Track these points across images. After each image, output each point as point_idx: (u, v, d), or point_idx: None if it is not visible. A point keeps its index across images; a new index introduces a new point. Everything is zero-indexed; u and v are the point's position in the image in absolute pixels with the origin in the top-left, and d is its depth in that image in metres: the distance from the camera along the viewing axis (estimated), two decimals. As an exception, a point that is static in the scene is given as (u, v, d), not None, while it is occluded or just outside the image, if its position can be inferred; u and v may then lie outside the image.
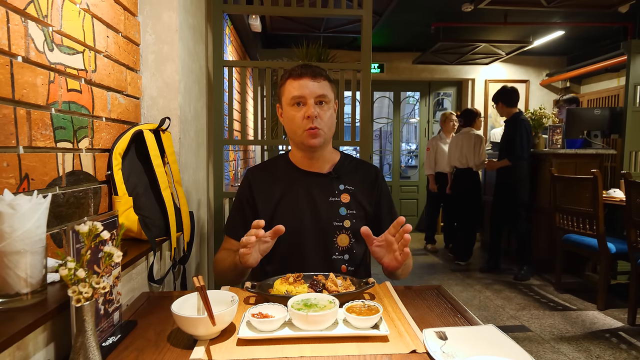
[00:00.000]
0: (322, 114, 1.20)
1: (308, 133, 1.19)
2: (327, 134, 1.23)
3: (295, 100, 1.19)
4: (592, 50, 5.31)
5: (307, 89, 1.18)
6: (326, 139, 1.23)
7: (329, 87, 1.23)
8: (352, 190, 1.29)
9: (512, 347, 0.76)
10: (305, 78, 1.19)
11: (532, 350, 2.40)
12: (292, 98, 1.20)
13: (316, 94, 1.19)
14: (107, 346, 0.77)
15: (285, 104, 1.23)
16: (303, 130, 1.20)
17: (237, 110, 3.39)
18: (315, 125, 1.18)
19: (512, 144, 3.66)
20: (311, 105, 1.18)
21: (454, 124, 4.77)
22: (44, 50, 0.94)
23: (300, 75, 1.20)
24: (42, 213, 0.75)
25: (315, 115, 1.18)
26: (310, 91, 1.18)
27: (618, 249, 2.94)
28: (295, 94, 1.19)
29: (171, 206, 1.34)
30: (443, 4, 4.02)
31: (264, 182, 1.31)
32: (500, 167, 3.82)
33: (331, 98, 1.24)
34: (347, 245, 1.26)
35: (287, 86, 1.22)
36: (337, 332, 0.83)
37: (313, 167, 1.29)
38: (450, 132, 4.80)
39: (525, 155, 3.66)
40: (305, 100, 1.19)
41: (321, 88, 1.20)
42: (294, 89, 1.20)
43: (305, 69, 1.21)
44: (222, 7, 2.02)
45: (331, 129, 1.25)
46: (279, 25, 4.41)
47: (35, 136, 0.90)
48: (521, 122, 3.71)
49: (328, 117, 1.22)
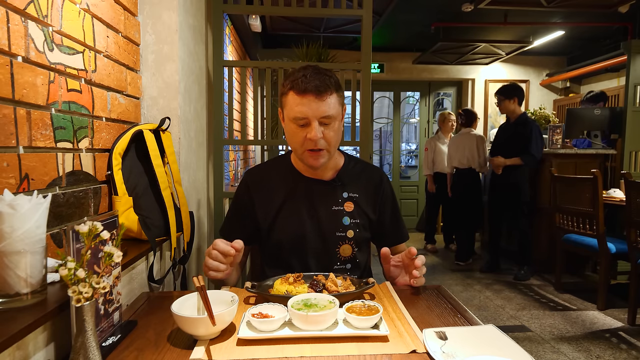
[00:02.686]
0: (327, 133, 1.10)
1: (310, 154, 1.12)
2: (331, 152, 1.15)
3: (298, 122, 1.10)
4: (592, 50, 5.31)
5: (310, 110, 1.07)
6: (330, 156, 1.16)
7: (335, 100, 1.11)
8: (356, 198, 1.24)
9: (512, 347, 0.76)
10: (310, 96, 1.07)
11: (532, 350, 2.40)
12: (295, 118, 1.10)
13: (321, 115, 1.08)
14: (107, 346, 0.77)
15: (287, 118, 1.13)
16: (304, 150, 1.12)
17: (237, 110, 3.39)
18: (319, 147, 1.11)
19: (528, 143, 3.63)
20: (315, 127, 1.08)
21: (453, 124, 4.77)
22: (44, 50, 0.94)
23: (304, 92, 1.07)
24: (42, 213, 0.75)
25: (319, 137, 1.09)
26: (314, 112, 1.08)
27: (618, 249, 2.94)
28: (298, 115, 1.08)
29: (171, 206, 1.34)
30: (443, 4, 4.02)
31: (263, 186, 1.25)
32: (504, 167, 3.77)
33: (338, 112, 1.13)
34: (349, 255, 1.23)
35: (289, 99, 1.11)
36: (337, 332, 0.83)
37: (316, 173, 1.23)
38: (448, 132, 4.80)
39: (540, 156, 3.66)
40: (309, 121, 1.09)
41: (327, 107, 1.08)
42: (296, 106, 1.09)
43: (310, 82, 1.07)
44: (222, 7, 2.02)
45: (337, 144, 1.16)
46: (279, 25, 4.41)
47: (35, 136, 0.90)
48: (533, 122, 3.75)
49: (333, 135, 1.12)
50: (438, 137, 4.86)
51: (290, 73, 1.15)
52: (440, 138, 4.83)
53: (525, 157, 3.65)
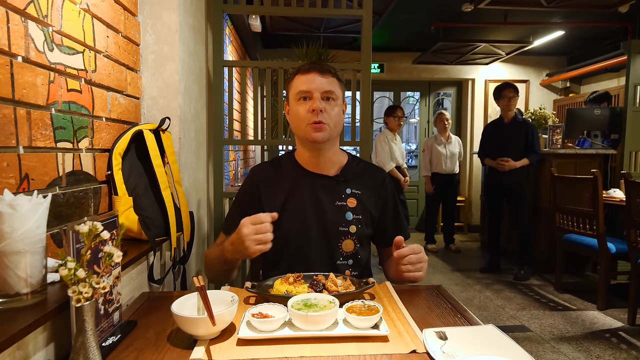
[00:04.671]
0: (329, 109, 1.17)
1: (312, 127, 1.16)
2: (332, 130, 1.19)
3: (302, 94, 1.17)
4: (592, 50, 5.31)
5: (313, 84, 1.17)
6: (331, 135, 1.20)
7: (337, 84, 1.21)
8: (358, 195, 1.26)
9: (512, 347, 0.76)
10: (313, 73, 1.18)
11: (532, 350, 2.40)
12: (299, 92, 1.18)
13: (323, 89, 1.17)
14: (107, 346, 0.77)
15: (292, 99, 1.21)
16: (307, 123, 1.16)
17: (237, 110, 3.39)
18: (320, 120, 1.15)
19: (531, 143, 3.68)
20: (317, 98, 1.16)
21: (445, 124, 4.76)
22: (44, 50, 0.94)
23: (308, 70, 1.19)
24: (42, 213, 0.75)
25: (320, 109, 1.15)
26: (317, 86, 1.16)
27: (618, 249, 2.94)
28: (302, 88, 1.17)
29: (171, 206, 1.34)
30: (443, 4, 4.02)
31: (269, 181, 1.28)
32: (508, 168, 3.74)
33: (339, 95, 1.21)
34: (351, 250, 1.23)
35: (294, 81, 1.21)
36: (337, 332, 0.83)
37: (320, 168, 1.25)
38: (444, 132, 4.80)
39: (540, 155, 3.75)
40: (311, 94, 1.17)
41: (329, 84, 1.18)
42: (301, 83, 1.18)
43: (314, 64, 1.20)
44: (222, 7, 2.02)
45: (337, 126, 1.21)
46: (279, 25, 4.41)
47: (35, 136, 0.90)
48: (529, 122, 3.80)
49: (335, 114, 1.19)
50: (435, 138, 4.86)
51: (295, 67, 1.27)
52: (437, 138, 4.83)
53: (532, 156, 3.70)
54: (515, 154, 3.71)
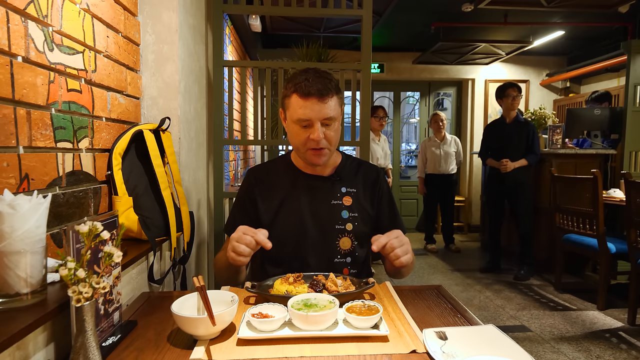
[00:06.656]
0: (328, 133, 1.16)
1: (312, 153, 1.18)
2: (332, 150, 1.21)
3: (302, 123, 1.15)
4: (592, 50, 5.30)
5: (313, 112, 1.13)
6: (331, 154, 1.22)
7: (336, 103, 1.17)
8: (354, 193, 1.28)
9: (512, 347, 0.76)
10: (313, 99, 1.12)
11: (532, 350, 2.40)
12: (298, 120, 1.15)
13: (323, 117, 1.14)
14: (107, 346, 0.77)
15: (290, 119, 1.18)
16: (307, 148, 1.18)
17: (237, 110, 3.39)
18: (321, 147, 1.16)
19: (532, 143, 3.69)
20: (317, 129, 1.14)
21: (440, 125, 4.76)
22: (44, 50, 0.94)
23: (308, 95, 1.13)
24: (42, 213, 0.75)
25: (321, 138, 1.14)
26: (316, 115, 1.13)
27: (618, 249, 2.94)
28: (301, 116, 1.14)
29: (171, 206, 1.34)
30: (443, 4, 4.01)
31: (265, 183, 1.29)
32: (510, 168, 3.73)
33: (339, 114, 1.19)
34: (349, 248, 1.25)
35: (292, 102, 1.16)
36: (337, 332, 0.83)
37: (315, 170, 1.27)
38: (439, 132, 4.79)
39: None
40: (311, 123, 1.14)
41: (328, 109, 1.14)
42: (300, 108, 1.14)
43: (313, 85, 1.13)
44: (222, 7, 2.02)
45: (337, 143, 1.22)
46: (279, 25, 4.41)
47: (35, 136, 0.90)
48: (531, 122, 3.81)
49: (334, 134, 1.18)
50: (429, 139, 4.86)
51: (292, 76, 1.20)
52: (432, 140, 4.83)
53: (531, 157, 3.70)
54: (516, 154, 3.71)
